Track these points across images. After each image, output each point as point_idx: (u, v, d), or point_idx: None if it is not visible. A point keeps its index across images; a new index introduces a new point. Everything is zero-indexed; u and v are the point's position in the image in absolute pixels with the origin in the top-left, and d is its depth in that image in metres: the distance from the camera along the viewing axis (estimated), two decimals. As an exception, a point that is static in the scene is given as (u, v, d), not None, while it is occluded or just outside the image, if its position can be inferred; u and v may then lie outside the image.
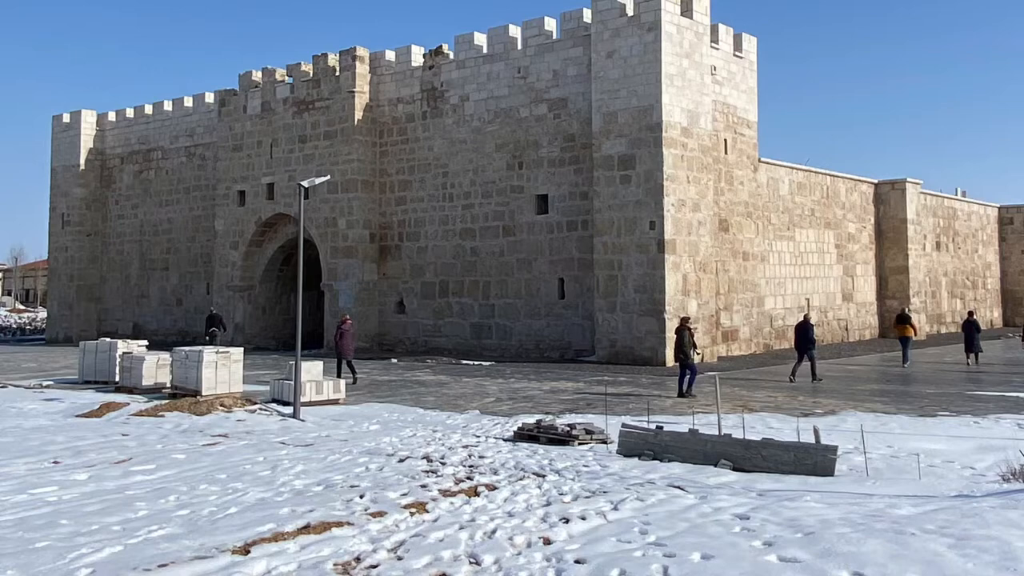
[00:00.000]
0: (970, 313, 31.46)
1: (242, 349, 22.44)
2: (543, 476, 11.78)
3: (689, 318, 23.45)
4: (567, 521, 9.39)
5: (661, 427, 13.53)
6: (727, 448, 12.45)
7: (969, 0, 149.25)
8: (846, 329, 40.43)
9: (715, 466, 12.13)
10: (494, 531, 9.10)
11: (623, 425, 14.03)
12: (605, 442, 14.44)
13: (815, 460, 11.76)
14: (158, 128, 46.91)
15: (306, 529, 9.16)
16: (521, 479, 11.62)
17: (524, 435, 15.03)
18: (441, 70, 35.59)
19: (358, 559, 8.28)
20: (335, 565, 8.07)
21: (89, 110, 49.49)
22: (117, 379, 23.76)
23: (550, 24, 32.93)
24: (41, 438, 15.58)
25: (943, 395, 21.16)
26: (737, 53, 33.90)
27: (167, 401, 20.08)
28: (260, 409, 19.11)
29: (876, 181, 43.77)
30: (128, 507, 10.24)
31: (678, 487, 10.90)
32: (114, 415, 18.67)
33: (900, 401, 20.12)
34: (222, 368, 20.87)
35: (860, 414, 17.57)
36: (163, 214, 46.23)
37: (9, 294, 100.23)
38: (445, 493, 10.83)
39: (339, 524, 9.34)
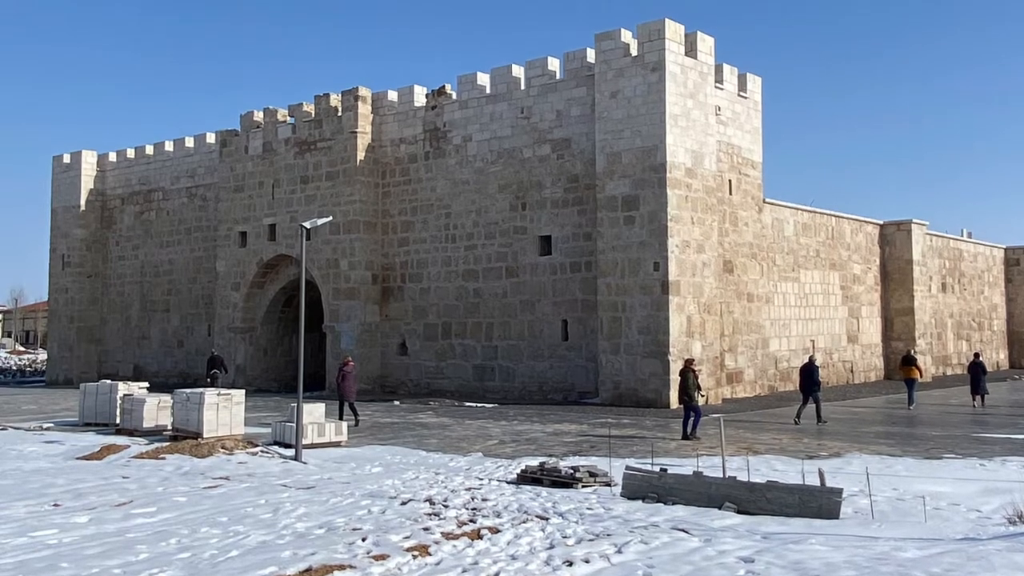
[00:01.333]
0: (976, 355, 31.32)
1: (243, 391, 22.35)
2: (546, 519, 11.70)
3: (693, 360, 23.36)
4: (570, 564, 9.31)
5: (665, 470, 13.46)
6: (731, 491, 12.36)
7: (973, 39, 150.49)
8: (851, 371, 40.30)
9: (719, 509, 12.05)
10: (497, 574, 9.03)
11: (627, 468, 13.95)
12: (609, 485, 14.35)
13: (820, 503, 11.68)
14: (159, 169, 47.10)
15: (308, 572, 9.09)
16: (524, 522, 11.53)
17: (527, 478, 14.95)
18: (444, 110, 35.78)
19: (359, 603, 8.20)
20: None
21: (89, 151, 49.68)
22: (118, 421, 23.67)
23: (553, 64, 33.08)
24: (41, 480, 15.51)
25: (949, 437, 21.03)
26: (742, 93, 34.09)
27: (168, 443, 20.00)
28: (262, 451, 19.03)
29: (881, 222, 43.84)
30: (129, 550, 10.17)
31: (682, 530, 10.81)
32: (115, 457, 18.61)
33: (905, 443, 19.99)
34: (223, 410, 20.79)
35: (865, 456, 17.47)
36: (164, 255, 46.29)
37: (9, 336, 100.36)
38: (448, 536, 10.75)
39: (341, 567, 9.26)
